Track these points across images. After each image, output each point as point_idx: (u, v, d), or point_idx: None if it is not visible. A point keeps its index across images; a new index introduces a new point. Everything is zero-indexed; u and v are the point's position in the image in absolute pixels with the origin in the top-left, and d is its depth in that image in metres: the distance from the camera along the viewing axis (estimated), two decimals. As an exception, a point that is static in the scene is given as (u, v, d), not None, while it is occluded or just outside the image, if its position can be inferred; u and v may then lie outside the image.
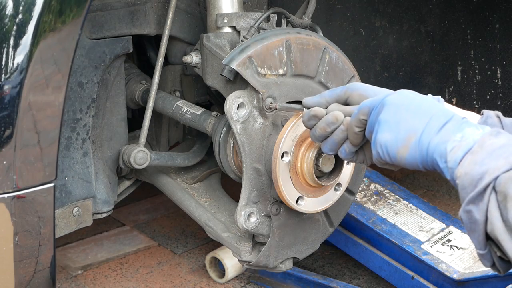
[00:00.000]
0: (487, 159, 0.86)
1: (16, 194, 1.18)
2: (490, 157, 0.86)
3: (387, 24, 2.22)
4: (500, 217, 0.81)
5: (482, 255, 0.89)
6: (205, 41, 1.55)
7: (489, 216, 0.83)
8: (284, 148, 1.39)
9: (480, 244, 0.87)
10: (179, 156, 1.82)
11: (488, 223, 0.84)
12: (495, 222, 0.81)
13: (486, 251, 0.88)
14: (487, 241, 0.87)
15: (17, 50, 1.11)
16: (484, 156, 0.87)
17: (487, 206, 0.84)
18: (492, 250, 0.87)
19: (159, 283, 2.16)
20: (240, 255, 1.61)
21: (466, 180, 0.88)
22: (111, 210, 1.72)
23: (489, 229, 0.84)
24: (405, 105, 1.02)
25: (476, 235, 0.87)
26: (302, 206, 1.47)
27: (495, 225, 0.81)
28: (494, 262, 0.89)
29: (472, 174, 0.87)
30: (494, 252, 0.87)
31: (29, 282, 1.26)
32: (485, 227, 0.85)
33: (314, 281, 2.04)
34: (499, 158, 0.85)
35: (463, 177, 0.88)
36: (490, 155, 0.87)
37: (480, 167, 0.86)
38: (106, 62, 1.60)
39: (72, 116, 1.56)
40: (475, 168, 0.87)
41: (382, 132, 1.03)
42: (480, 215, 0.85)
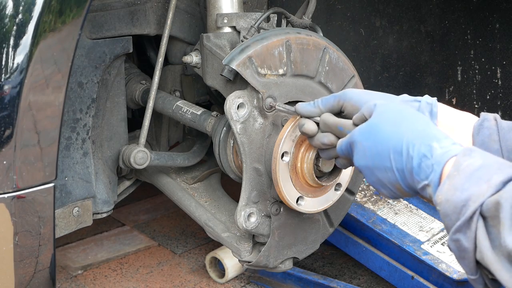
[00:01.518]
0: (467, 184, 0.83)
1: (16, 194, 1.18)
2: (470, 181, 0.83)
3: (387, 24, 2.22)
4: (489, 245, 0.79)
5: (474, 280, 0.87)
6: (205, 41, 1.55)
7: (478, 244, 0.81)
8: (284, 148, 1.39)
9: (471, 270, 0.86)
10: (179, 156, 1.82)
11: (478, 251, 0.82)
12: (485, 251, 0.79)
13: (477, 276, 0.87)
14: (478, 265, 0.85)
15: (17, 50, 1.11)
16: (463, 181, 0.84)
17: (475, 233, 0.82)
18: (484, 273, 0.86)
19: (159, 283, 2.16)
20: (240, 255, 1.61)
21: (448, 207, 0.85)
22: (111, 210, 1.72)
23: (479, 257, 0.82)
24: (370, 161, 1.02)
25: (466, 262, 0.86)
26: (302, 206, 1.47)
27: (485, 254, 0.80)
28: (486, 284, 0.88)
29: (454, 201, 0.84)
30: (486, 275, 0.86)
31: (29, 282, 1.26)
32: (474, 254, 0.83)
33: (314, 281, 2.04)
34: (480, 182, 0.82)
35: (444, 204, 0.86)
36: (469, 179, 0.84)
37: (462, 193, 0.83)
38: (106, 62, 1.60)
39: (72, 116, 1.56)
40: (456, 194, 0.84)
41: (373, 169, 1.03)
42: (468, 243, 0.83)
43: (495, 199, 0.79)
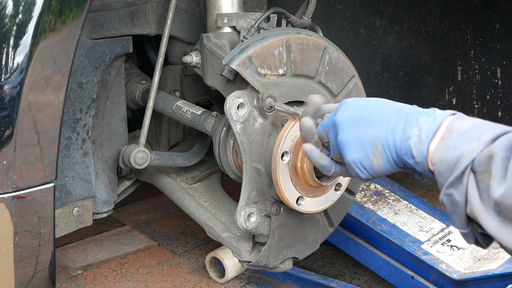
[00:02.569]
0: (459, 143, 0.89)
1: (16, 194, 1.18)
2: (461, 141, 0.89)
3: (387, 24, 2.22)
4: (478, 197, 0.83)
5: (465, 234, 0.92)
6: (205, 41, 1.55)
7: (469, 197, 0.85)
8: (284, 148, 1.39)
9: (462, 224, 0.90)
10: (179, 156, 1.82)
11: (468, 204, 0.86)
12: (474, 202, 0.83)
13: (468, 230, 0.91)
14: (469, 220, 0.89)
15: (17, 50, 1.12)
16: (455, 141, 0.90)
17: (466, 188, 0.86)
18: (474, 228, 0.90)
19: (159, 283, 2.16)
20: (240, 255, 1.61)
21: (442, 166, 0.90)
22: (111, 210, 1.72)
23: (469, 209, 0.86)
24: (357, 118, 1.05)
25: (458, 216, 0.90)
26: (302, 206, 1.47)
27: (474, 205, 0.83)
28: (477, 239, 0.92)
29: (447, 160, 0.89)
30: (476, 229, 0.90)
31: (29, 282, 1.26)
32: (465, 208, 0.87)
33: (314, 281, 2.04)
34: (471, 141, 0.88)
35: (438, 163, 0.91)
36: (461, 138, 0.89)
37: (454, 152, 0.88)
38: (106, 62, 1.60)
39: (72, 116, 1.56)
40: (449, 153, 0.89)
41: (350, 153, 1.06)
42: (460, 197, 0.87)
43: (487, 153, 0.84)
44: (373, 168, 1.04)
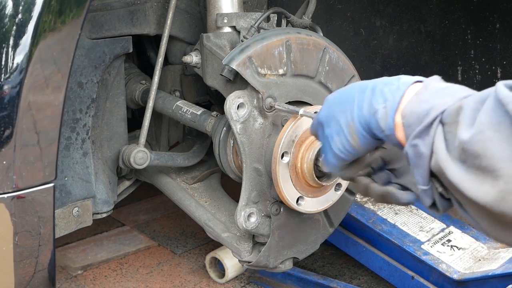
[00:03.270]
0: (433, 98, 0.87)
1: (16, 194, 1.17)
2: (435, 96, 0.88)
3: (387, 24, 2.22)
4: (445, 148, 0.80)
5: (424, 191, 0.89)
6: (205, 41, 1.55)
7: (435, 148, 0.83)
8: (284, 148, 1.39)
9: (423, 178, 0.88)
10: (179, 156, 1.81)
11: (433, 155, 0.84)
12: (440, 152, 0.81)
13: (428, 187, 0.88)
14: (431, 177, 0.87)
15: (16, 50, 1.11)
16: (429, 95, 0.88)
17: (433, 139, 0.84)
18: (434, 186, 0.88)
19: (159, 283, 2.16)
20: (240, 255, 1.61)
21: (411, 117, 0.89)
22: (111, 210, 1.72)
23: (433, 161, 0.84)
24: (334, 109, 1.06)
25: (421, 170, 0.87)
26: (302, 206, 1.47)
27: (439, 156, 0.81)
28: (434, 201, 0.90)
29: (418, 111, 0.88)
30: (436, 188, 0.88)
31: (29, 282, 1.26)
32: (429, 161, 0.85)
33: (314, 281, 2.04)
34: (444, 96, 0.86)
35: (409, 115, 0.89)
36: (436, 94, 0.88)
37: (426, 104, 0.87)
38: (106, 62, 1.60)
39: (72, 116, 1.56)
40: (421, 105, 0.88)
41: (333, 142, 1.06)
42: (425, 149, 0.85)
43: (458, 104, 0.82)
44: (354, 148, 1.03)
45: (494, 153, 0.70)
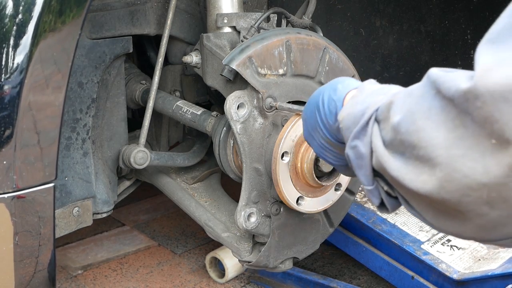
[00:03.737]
0: (367, 98, 0.88)
1: (16, 194, 1.18)
2: (369, 96, 0.88)
3: (387, 24, 2.22)
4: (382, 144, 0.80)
5: (370, 191, 0.88)
6: (205, 41, 1.55)
7: (373, 146, 0.82)
8: (284, 148, 1.39)
9: (367, 179, 0.87)
10: (179, 156, 1.81)
11: (373, 154, 0.84)
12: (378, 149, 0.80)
13: (373, 187, 0.88)
14: (375, 177, 0.86)
15: (17, 50, 1.11)
16: (364, 97, 0.89)
17: (370, 138, 0.84)
18: (379, 185, 0.87)
19: (159, 283, 2.16)
20: (240, 255, 1.61)
21: (348, 120, 0.89)
22: (111, 210, 1.72)
23: (374, 159, 0.84)
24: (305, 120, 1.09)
25: (363, 170, 0.87)
26: (302, 206, 1.47)
27: (378, 152, 0.80)
28: (382, 201, 0.89)
29: (354, 113, 0.88)
30: (381, 187, 0.87)
31: (29, 282, 1.26)
32: (370, 160, 0.85)
33: (314, 281, 2.04)
34: (378, 95, 0.86)
35: (346, 118, 0.90)
36: (370, 94, 0.88)
37: (361, 105, 0.87)
38: (106, 62, 1.60)
39: (72, 116, 1.56)
40: (357, 107, 0.88)
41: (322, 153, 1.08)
42: (365, 149, 0.84)
43: (389, 100, 0.82)
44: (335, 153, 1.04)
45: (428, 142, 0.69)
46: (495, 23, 0.66)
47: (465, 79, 0.66)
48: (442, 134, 0.68)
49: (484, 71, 0.63)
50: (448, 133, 0.67)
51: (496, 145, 0.62)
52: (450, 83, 0.68)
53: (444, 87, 0.69)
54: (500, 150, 0.62)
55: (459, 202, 0.67)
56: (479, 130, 0.63)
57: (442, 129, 0.68)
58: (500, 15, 0.67)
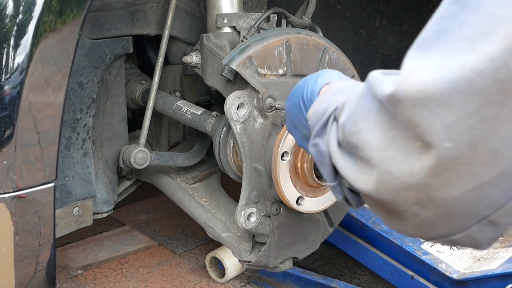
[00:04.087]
0: (332, 97, 0.89)
1: (17, 194, 1.18)
2: (334, 95, 0.89)
3: (387, 24, 2.22)
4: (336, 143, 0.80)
5: (333, 188, 0.89)
6: (205, 41, 1.55)
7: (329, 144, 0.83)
8: (284, 148, 1.39)
9: (329, 176, 0.88)
10: (179, 156, 1.82)
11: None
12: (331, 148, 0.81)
13: (336, 183, 0.88)
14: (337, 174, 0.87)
15: (17, 50, 1.12)
16: (330, 95, 0.90)
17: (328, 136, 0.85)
18: (342, 181, 0.88)
19: (159, 283, 2.16)
20: (240, 255, 1.61)
21: (314, 118, 0.90)
22: (111, 210, 1.72)
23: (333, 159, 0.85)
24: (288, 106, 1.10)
25: (325, 167, 0.87)
26: (302, 206, 1.47)
27: (331, 151, 0.81)
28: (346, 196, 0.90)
29: (318, 111, 0.89)
30: (343, 184, 0.87)
31: (29, 282, 1.27)
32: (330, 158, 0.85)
33: (314, 281, 2.04)
34: (341, 94, 0.87)
35: (312, 116, 0.91)
36: (335, 93, 0.90)
37: (325, 104, 0.88)
38: (106, 62, 1.60)
39: (72, 116, 1.56)
40: (322, 105, 0.89)
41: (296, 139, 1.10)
42: (325, 147, 0.85)
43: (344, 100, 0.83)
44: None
45: (366, 143, 0.70)
46: (424, 30, 0.68)
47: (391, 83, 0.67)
48: (378, 136, 0.69)
49: (406, 76, 0.64)
50: (382, 134, 0.68)
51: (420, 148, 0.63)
52: (379, 86, 0.70)
53: (376, 89, 0.70)
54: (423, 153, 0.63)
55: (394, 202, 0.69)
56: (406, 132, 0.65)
57: (378, 131, 0.69)
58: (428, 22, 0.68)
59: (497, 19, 0.58)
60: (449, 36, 0.62)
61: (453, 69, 0.60)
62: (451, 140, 0.61)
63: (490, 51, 0.57)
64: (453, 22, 0.62)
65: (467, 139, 0.60)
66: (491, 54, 0.57)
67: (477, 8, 0.60)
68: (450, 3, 0.64)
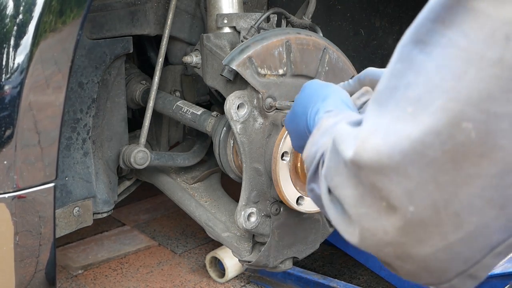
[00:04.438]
0: (319, 139, 0.88)
1: (17, 194, 1.18)
2: (321, 137, 0.88)
3: (387, 24, 2.22)
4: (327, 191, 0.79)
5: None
6: (205, 41, 1.55)
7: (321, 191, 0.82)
8: (284, 148, 1.39)
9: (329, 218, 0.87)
10: (179, 156, 1.82)
11: None
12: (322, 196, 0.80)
13: None
14: None
15: (17, 50, 1.12)
16: (318, 137, 0.89)
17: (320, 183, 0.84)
18: None
19: (159, 283, 2.16)
20: (240, 255, 1.61)
21: (307, 161, 0.90)
22: (111, 210, 1.73)
23: None
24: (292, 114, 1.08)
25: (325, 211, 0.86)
26: (302, 206, 1.47)
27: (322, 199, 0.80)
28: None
29: (310, 155, 0.88)
30: None
31: (30, 282, 1.27)
32: None
33: (314, 280, 2.04)
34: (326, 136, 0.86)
35: (306, 159, 0.91)
36: (323, 134, 0.88)
37: (315, 147, 0.87)
38: (107, 62, 1.60)
39: (73, 116, 1.56)
40: (312, 148, 0.88)
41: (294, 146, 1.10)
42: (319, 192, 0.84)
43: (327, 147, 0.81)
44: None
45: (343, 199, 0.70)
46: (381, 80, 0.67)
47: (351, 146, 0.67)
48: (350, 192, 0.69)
49: (362, 142, 0.64)
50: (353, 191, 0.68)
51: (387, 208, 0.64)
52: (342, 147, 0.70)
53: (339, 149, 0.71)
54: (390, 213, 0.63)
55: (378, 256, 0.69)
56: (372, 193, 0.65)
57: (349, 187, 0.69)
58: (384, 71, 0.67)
59: (436, 89, 0.58)
60: (398, 95, 0.62)
61: (401, 139, 0.60)
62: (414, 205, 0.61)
63: (434, 125, 0.57)
64: (400, 80, 0.62)
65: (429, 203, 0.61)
66: (436, 129, 0.57)
67: (419, 72, 0.60)
68: (397, 60, 0.64)
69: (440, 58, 0.58)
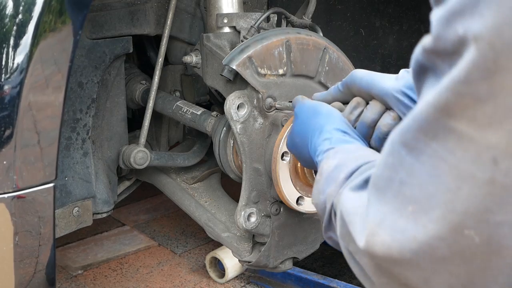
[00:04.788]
0: (325, 186, 0.87)
1: (16, 194, 1.18)
2: (327, 183, 0.86)
3: (387, 24, 2.22)
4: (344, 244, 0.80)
5: None
6: (205, 41, 1.55)
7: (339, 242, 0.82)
8: (284, 148, 1.39)
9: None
10: (179, 156, 1.82)
11: None
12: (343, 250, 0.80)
13: None
14: None
15: (17, 50, 1.11)
16: (323, 183, 0.88)
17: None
18: None
19: (159, 283, 2.16)
20: (240, 255, 1.61)
21: (318, 209, 0.89)
22: (111, 210, 1.72)
23: None
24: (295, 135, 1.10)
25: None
26: (302, 206, 1.47)
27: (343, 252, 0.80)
28: None
29: (319, 204, 0.88)
30: None
31: (29, 282, 1.26)
32: None
33: (314, 281, 2.04)
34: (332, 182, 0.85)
35: (316, 207, 0.90)
36: (327, 180, 0.87)
37: (322, 196, 0.87)
38: (106, 62, 1.60)
39: (72, 116, 1.56)
40: (320, 197, 0.88)
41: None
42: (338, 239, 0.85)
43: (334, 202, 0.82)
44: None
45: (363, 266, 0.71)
46: (377, 166, 0.67)
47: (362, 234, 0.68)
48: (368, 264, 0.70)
49: (371, 235, 0.65)
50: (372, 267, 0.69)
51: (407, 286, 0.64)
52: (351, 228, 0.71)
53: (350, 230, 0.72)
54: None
55: None
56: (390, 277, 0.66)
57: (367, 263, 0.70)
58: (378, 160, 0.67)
59: (432, 199, 0.58)
60: (394, 187, 0.62)
61: (409, 239, 0.61)
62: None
63: (437, 231, 0.58)
64: (394, 174, 0.62)
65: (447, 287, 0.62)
66: (440, 235, 0.58)
67: (411, 173, 0.59)
68: (389, 154, 0.63)
69: (430, 167, 0.57)
